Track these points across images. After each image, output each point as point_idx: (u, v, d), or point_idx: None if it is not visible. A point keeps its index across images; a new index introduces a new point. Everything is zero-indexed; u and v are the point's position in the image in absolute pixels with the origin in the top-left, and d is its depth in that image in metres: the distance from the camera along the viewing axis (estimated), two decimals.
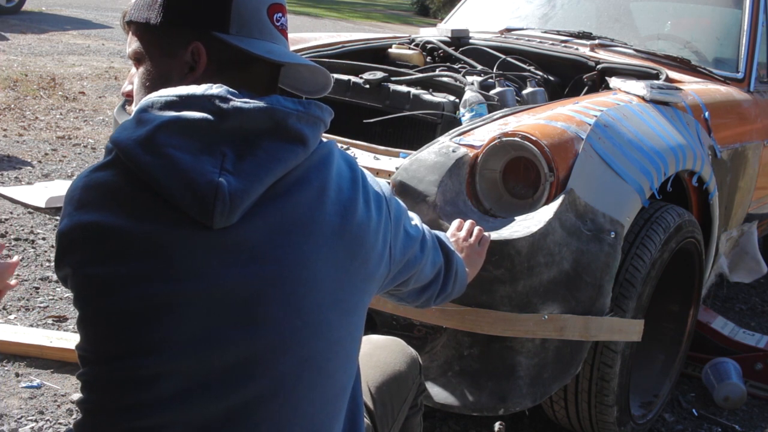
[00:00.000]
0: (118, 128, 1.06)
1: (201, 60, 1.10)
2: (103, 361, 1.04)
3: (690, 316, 2.44)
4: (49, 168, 4.31)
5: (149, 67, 1.14)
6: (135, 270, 1.01)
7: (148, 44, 1.14)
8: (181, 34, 1.11)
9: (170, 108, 1.03)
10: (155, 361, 1.00)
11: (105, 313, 1.03)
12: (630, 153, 1.96)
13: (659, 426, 2.39)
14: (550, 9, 3.37)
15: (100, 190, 1.04)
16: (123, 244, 1.01)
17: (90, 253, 1.03)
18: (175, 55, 1.11)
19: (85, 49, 8.46)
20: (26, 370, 2.31)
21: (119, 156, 1.03)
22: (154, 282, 1.00)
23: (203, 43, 1.10)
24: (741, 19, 2.95)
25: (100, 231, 1.02)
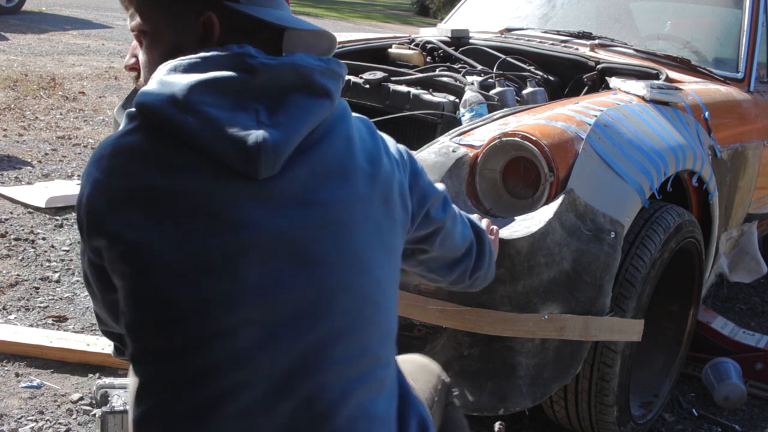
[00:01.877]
0: (140, 93, 1.04)
1: (215, 30, 1.11)
2: (170, 328, 1.01)
3: (690, 316, 2.44)
4: (49, 168, 4.31)
5: (156, 40, 1.14)
6: (187, 227, 1.01)
7: (155, 17, 1.13)
8: (190, 5, 1.11)
9: (195, 70, 1.04)
10: (228, 314, 1.01)
11: (164, 275, 1.01)
12: (630, 153, 1.96)
13: (659, 426, 2.39)
14: (550, 9, 3.37)
15: (133, 154, 1.03)
16: (168, 203, 1.01)
17: (134, 217, 1.01)
18: (184, 26, 1.11)
19: (85, 49, 8.46)
20: (26, 370, 2.31)
21: (146, 120, 1.03)
22: (210, 236, 1.01)
23: (215, 12, 1.10)
24: (741, 19, 2.95)
25: (142, 193, 1.01)
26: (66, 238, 3.35)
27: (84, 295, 2.84)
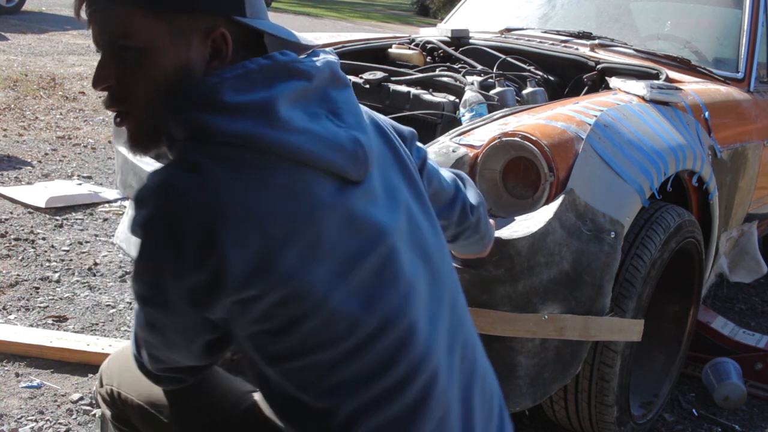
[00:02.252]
0: (205, 124, 0.97)
1: (228, 47, 1.04)
2: (361, 345, 1.03)
3: (690, 316, 2.44)
4: (49, 168, 4.31)
5: (154, 59, 1.01)
6: (346, 245, 1.02)
7: (153, 30, 1.01)
8: (198, 20, 1.02)
9: (263, 84, 1.00)
10: (408, 313, 1.07)
11: (346, 301, 1.01)
12: (630, 153, 1.96)
13: (659, 426, 2.39)
14: (550, 9, 3.37)
15: (246, 187, 0.96)
16: (317, 229, 0.99)
17: (295, 258, 0.97)
18: (190, 44, 1.02)
19: (85, 49, 8.46)
20: (26, 370, 2.31)
21: (229, 149, 0.96)
22: (365, 250, 1.03)
23: (227, 28, 1.04)
24: (741, 19, 2.95)
25: (284, 229, 0.97)
26: (66, 238, 3.35)
27: (84, 295, 2.84)
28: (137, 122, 1.07)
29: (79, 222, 3.56)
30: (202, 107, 0.98)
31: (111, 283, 2.97)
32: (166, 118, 1.01)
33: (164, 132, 1.04)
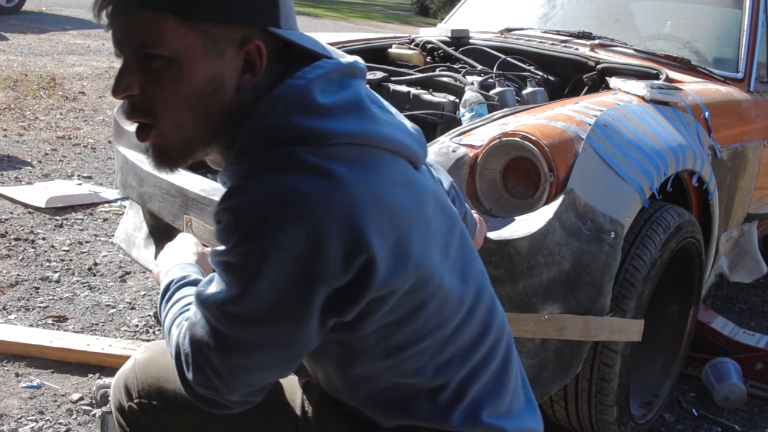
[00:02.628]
0: (314, 128, 0.96)
1: (262, 59, 1.01)
2: (465, 318, 1.11)
3: (690, 316, 2.44)
4: (49, 168, 4.31)
5: (185, 70, 0.97)
6: (441, 226, 1.08)
7: (187, 42, 0.96)
8: (233, 31, 0.98)
9: (336, 84, 1.03)
10: (486, 281, 1.17)
11: (451, 279, 1.07)
12: (630, 153, 1.96)
13: (659, 426, 2.39)
14: (550, 9, 3.37)
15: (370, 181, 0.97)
16: (425, 213, 1.05)
17: (417, 245, 1.01)
18: (222, 55, 0.99)
19: (85, 49, 8.46)
20: (26, 370, 2.31)
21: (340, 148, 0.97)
22: (450, 229, 1.11)
23: (262, 40, 1.00)
24: (741, 19, 2.95)
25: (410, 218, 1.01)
26: (66, 238, 3.35)
27: (84, 295, 2.84)
28: (165, 137, 1.02)
29: (79, 222, 3.56)
30: (301, 111, 0.97)
31: (111, 283, 2.97)
32: (242, 133, 0.99)
33: (208, 145, 1.04)
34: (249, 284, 0.94)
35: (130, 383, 1.25)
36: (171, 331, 1.12)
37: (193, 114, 1.00)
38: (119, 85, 0.99)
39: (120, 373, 1.29)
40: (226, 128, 1.03)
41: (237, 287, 0.95)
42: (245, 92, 1.02)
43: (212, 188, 2.21)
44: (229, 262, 0.96)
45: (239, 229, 0.93)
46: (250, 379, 1.03)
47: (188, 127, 1.01)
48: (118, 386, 1.28)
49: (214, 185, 2.25)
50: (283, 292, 0.94)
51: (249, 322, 0.97)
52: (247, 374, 1.02)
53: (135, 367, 1.26)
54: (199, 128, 1.02)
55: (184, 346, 1.04)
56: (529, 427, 1.22)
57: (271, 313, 0.96)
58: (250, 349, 0.98)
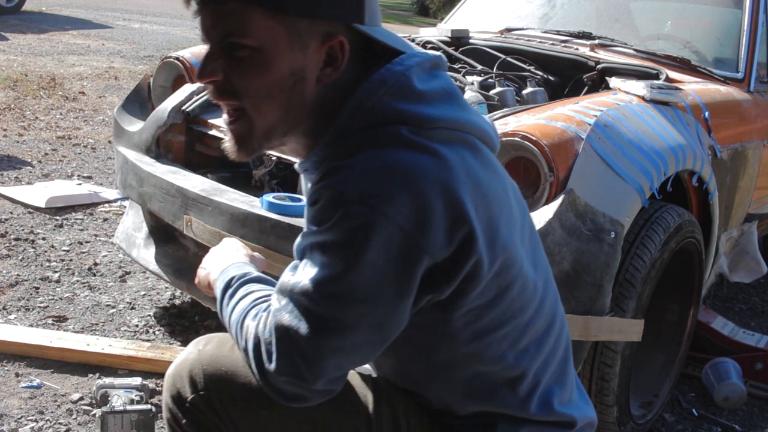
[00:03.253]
0: (415, 112, 1.02)
1: (344, 55, 1.03)
2: (538, 305, 1.15)
3: (690, 316, 2.44)
4: (49, 168, 4.31)
5: (270, 61, 1.00)
6: (519, 213, 1.14)
7: (271, 32, 0.99)
8: (318, 25, 1.01)
9: (429, 73, 1.08)
10: (539, 280, 1.17)
11: (527, 265, 1.12)
12: (630, 153, 1.96)
13: (659, 426, 2.39)
14: (550, 9, 3.37)
15: (467, 163, 1.03)
16: (509, 199, 1.12)
17: (504, 227, 1.06)
18: (306, 48, 1.01)
19: (85, 49, 8.46)
20: (26, 370, 2.31)
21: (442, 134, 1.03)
22: (524, 214, 1.17)
23: (345, 36, 1.03)
24: (741, 19, 2.95)
25: (495, 197, 1.07)
26: (66, 238, 3.35)
27: (84, 295, 2.84)
28: (250, 124, 1.06)
29: (79, 222, 3.56)
30: (401, 97, 1.02)
31: (111, 283, 2.97)
32: (340, 117, 1.03)
33: (285, 135, 1.07)
34: (353, 259, 0.95)
35: (196, 374, 1.18)
36: (244, 323, 1.09)
37: (274, 103, 1.03)
38: (205, 70, 1.03)
39: (180, 363, 1.21)
40: (304, 119, 1.06)
41: (340, 263, 0.96)
42: (326, 86, 1.05)
43: (212, 188, 2.21)
44: (330, 240, 0.96)
45: (343, 204, 0.94)
46: (339, 362, 1.02)
47: (268, 116, 1.04)
48: (179, 377, 1.20)
49: (214, 185, 2.25)
50: (387, 265, 0.95)
51: (349, 299, 0.97)
52: (336, 357, 1.01)
53: (201, 358, 1.19)
54: (279, 118, 1.05)
55: (266, 335, 1.02)
56: (590, 417, 1.27)
57: (373, 288, 0.96)
58: (345, 329, 0.99)
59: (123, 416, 1.94)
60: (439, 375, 1.13)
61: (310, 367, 1.00)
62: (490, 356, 1.11)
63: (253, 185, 2.51)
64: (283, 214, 2.00)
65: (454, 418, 1.19)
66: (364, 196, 0.94)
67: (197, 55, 2.75)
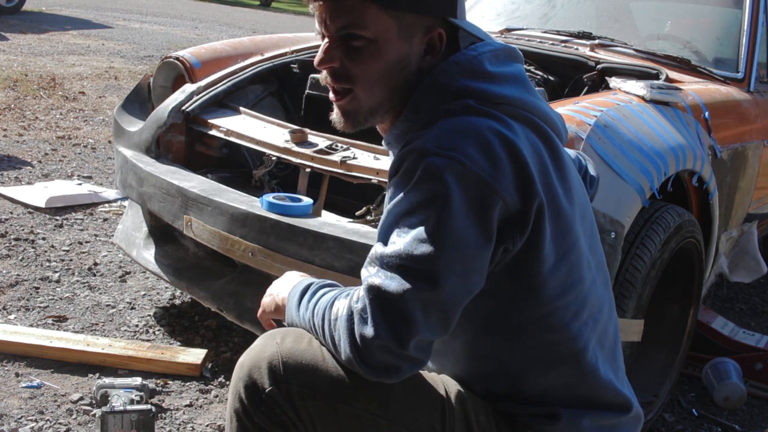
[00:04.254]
0: (484, 89, 1.15)
1: (442, 44, 1.19)
2: (592, 282, 1.23)
3: (690, 316, 2.44)
4: (49, 168, 4.31)
5: (381, 50, 1.16)
6: (578, 190, 1.25)
7: (384, 25, 1.15)
8: (422, 19, 1.17)
9: (503, 60, 1.22)
10: (593, 260, 1.27)
11: (583, 242, 1.23)
12: (630, 153, 1.96)
13: (659, 426, 2.39)
14: (550, 9, 3.37)
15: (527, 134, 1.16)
16: (568, 173, 1.22)
17: (562, 194, 1.17)
18: (411, 39, 1.17)
19: (85, 49, 8.46)
20: (26, 370, 2.31)
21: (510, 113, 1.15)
22: (580, 195, 1.27)
23: (443, 28, 1.19)
24: (741, 19, 2.95)
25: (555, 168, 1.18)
26: (66, 238, 3.35)
27: (84, 295, 2.84)
28: (357, 102, 1.21)
29: (79, 222, 3.56)
30: (471, 76, 1.16)
31: (111, 283, 2.97)
32: (416, 94, 1.18)
33: (387, 112, 1.22)
34: (440, 208, 1.05)
35: (276, 366, 1.18)
36: (333, 305, 1.14)
37: (383, 86, 1.19)
38: (324, 59, 1.19)
39: (258, 353, 1.21)
40: (405, 100, 1.21)
41: (427, 215, 1.06)
42: (423, 70, 1.20)
43: (212, 188, 2.21)
44: (416, 199, 1.07)
45: (423, 160, 1.07)
46: (430, 319, 1.07)
47: (377, 97, 1.20)
48: (257, 367, 1.19)
49: (214, 185, 2.25)
50: (470, 211, 1.06)
51: (439, 248, 1.05)
52: (427, 313, 1.06)
53: (281, 350, 1.20)
54: (386, 98, 1.20)
55: (359, 304, 1.08)
56: (639, 408, 1.33)
57: (459, 234, 1.06)
58: (436, 279, 1.05)
59: (123, 416, 1.94)
60: (508, 344, 1.21)
61: (404, 323, 1.05)
62: (556, 324, 1.19)
63: (253, 185, 2.51)
64: (283, 214, 2.00)
65: (519, 403, 1.24)
66: (438, 150, 1.06)
67: (197, 55, 2.75)
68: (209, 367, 2.41)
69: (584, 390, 1.24)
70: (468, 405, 1.23)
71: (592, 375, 1.23)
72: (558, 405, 1.23)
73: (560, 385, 1.23)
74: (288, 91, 2.88)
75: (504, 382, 1.24)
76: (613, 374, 1.28)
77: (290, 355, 1.19)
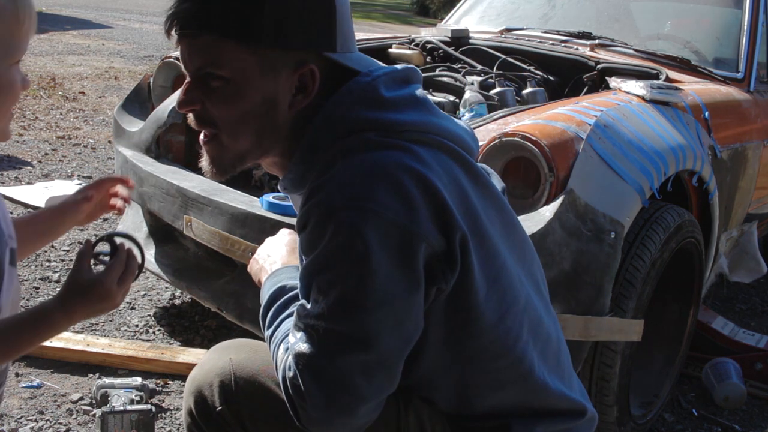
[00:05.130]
0: (381, 118, 1.05)
1: (315, 82, 1.07)
2: (512, 306, 1.13)
3: (690, 316, 2.44)
4: (49, 168, 4.31)
5: (242, 90, 1.04)
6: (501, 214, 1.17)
7: (244, 63, 1.03)
8: (288, 55, 1.04)
9: (399, 83, 1.12)
10: (525, 278, 1.19)
11: (507, 259, 1.14)
12: (630, 153, 1.96)
13: (659, 426, 2.39)
14: (550, 9, 3.37)
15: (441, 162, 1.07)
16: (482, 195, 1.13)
17: (484, 216, 1.09)
18: (278, 77, 1.05)
19: (85, 49, 8.46)
20: (26, 370, 2.31)
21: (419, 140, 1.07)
22: (509, 220, 1.19)
23: (316, 64, 1.06)
24: (741, 19, 2.95)
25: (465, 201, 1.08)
26: (66, 238, 3.35)
27: None
28: (223, 147, 1.10)
29: None
30: (368, 104, 1.05)
31: None
32: (308, 132, 1.07)
33: (260, 157, 1.12)
34: (359, 266, 0.96)
35: (227, 384, 1.15)
36: (278, 352, 1.08)
37: (248, 129, 1.07)
38: (183, 101, 1.08)
39: (209, 369, 1.18)
40: (278, 142, 1.10)
41: (348, 275, 0.97)
42: (298, 111, 1.08)
43: (212, 188, 2.21)
44: (332, 257, 0.98)
45: (331, 217, 0.97)
46: (371, 380, 1.01)
47: (243, 141, 1.08)
48: (207, 384, 1.17)
49: (214, 185, 2.25)
50: (392, 262, 0.97)
51: (366, 308, 0.98)
52: (366, 374, 1.00)
53: (233, 367, 1.16)
54: (253, 143, 1.09)
55: (290, 372, 1.01)
56: (593, 411, 1.27)
57: (385, 290, 0.98)
58: (368, 340, 0.99)
59: (123, 416, 1.94)
60: (453, 373, 1.14)
61: (346, 392, 0.99)
62: (499, 351, 1.12)
63: (253, 185, 2.51)
64: (283, 214, 2.00)
65: (471, 420, 1.19)
66: (348, 202, 0.96)
67: None
68: None
69: (536, 403, 1.19)
70: (424, 415, 1.18)
71: (542, 389, 1.18)
72: (510, 417, 1.18)
73: (510, 401, 1.18)
74: None
75: (454, 403, 1.18)
76: (561, 383, 1.22)
77: (242, 373, 1.15)
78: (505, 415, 1.18)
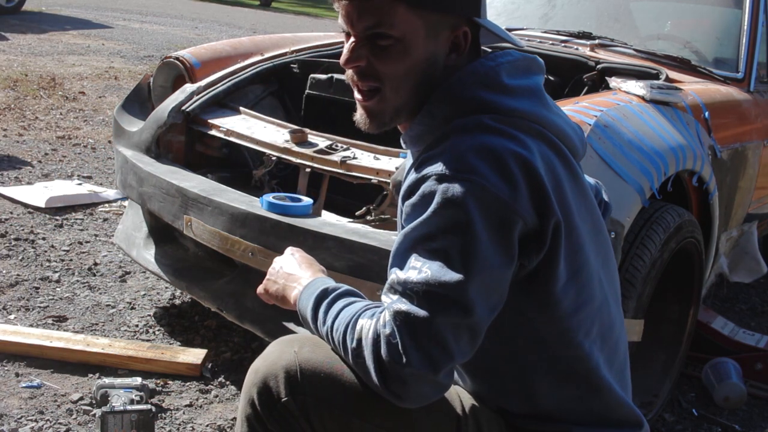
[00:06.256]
0: (495, 102, 1.15)
1: (467, 43, 1.21)
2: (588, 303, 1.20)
3: (690, 316, 2.44)
4: (49, 168, 4.31)
5: (408, 49, 1.16)
6: (592, 215, 1.26)
7: (412, 24, 1.15)
8: (449, 18, 1.18)
9: (522, 72, 1.22)
10: (605, 278, 1.26)
11: (591, 256, 1.21)
12: (630, 153, 1.96)
13: (659, 426, 2.39)
14: (550, 9, 3.37)
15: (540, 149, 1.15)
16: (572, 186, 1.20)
17: (576, 213, 1.16)
18: (438, 38, 1.18)
19: (85, 49, 8.46)
20: (26, 370, 2.31)
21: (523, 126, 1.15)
22: (597, 221, 1.27)
23: (469, 27, 1.20)
24: (741, 19, 2.95)
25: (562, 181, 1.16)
26: (66, 238, 3.35)
27: (84, 295, 2.84)
28: (386, 102, 1.21)
29: (79, 222, 3.56)
30: (487, 87, 1.17)
31: (111, 283, 2.97)
32: (431, 99, 1.18)
33: (412, 112, 1.21)
34: (462, 234, 1.04)
35: (293, 376, 1.17)
36: (357, 322, 1.10)
37: (410, 83, 1.19)
38: (351, 58, 1.19)
39: (275, 361, 1.19)
40: (428, 98, 1.21)
41: (456, 244, 1.04)
42: (447, 68, 1.21)
43: (212, 188, 2.21)
44: (436, 225, 1.06)
45: (440, 186, 1.06)
46: (458, 343, 1.05)
47: (404, 96, 1.20)
48: (273, 375, 1.18)
49: (214, 185, 2.25)
50: (492, 233, 1.05)
51: (465, 273, 1.04)
52: (455, 336, 1.05)
53: (298, 360, 1.18)
54: (412, 97, 1.20)
55: (386, 329, 1.05)
56: (647, 427, 1.31)
57: (484, 258, 1.05)
58: (463, 304, 1.04)
59: (123, 416, 1.94)
60: (521, 360, 1.20)
61: (440, 349, 1.04)
62: (569, 342, 1.18)
63: (253, 185, 2.51)
64: (283, 214, 2.00)
65: (530, 419, 1.23)
66: (455, 173, 1.06)
67: (197, 55, 2.75)
68: (209, 367, 2.41)
69: (597, 406, 1.23)
70: (482, 419, 1.22)
71: (606, 391, 1.23)
72: (570, 422, 1.22)
73: (573, 400, 1.22)
74: (288, 91, 2.88)
75: (516, 397, 1.24)
76: (624, 392, 1.28)
77: (308, 365, 1.17)
78: (565, 420, 1.22)
